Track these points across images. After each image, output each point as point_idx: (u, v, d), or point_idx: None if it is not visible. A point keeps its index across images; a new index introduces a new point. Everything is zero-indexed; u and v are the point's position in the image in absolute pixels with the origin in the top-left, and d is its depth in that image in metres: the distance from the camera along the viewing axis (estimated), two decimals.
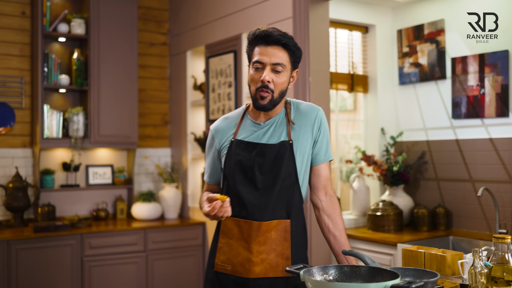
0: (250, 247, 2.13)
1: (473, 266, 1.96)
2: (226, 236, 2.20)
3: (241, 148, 2.19)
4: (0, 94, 4.70)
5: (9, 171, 4.70)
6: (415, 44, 4.32)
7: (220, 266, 2.20)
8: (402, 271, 1.91)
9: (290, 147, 2.17)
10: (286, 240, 2.16)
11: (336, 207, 2.29)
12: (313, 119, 2.24)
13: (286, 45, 2.13)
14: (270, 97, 2.13)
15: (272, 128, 2.21)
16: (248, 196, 2.15)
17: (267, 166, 2.15)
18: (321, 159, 2.26)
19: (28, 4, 4.85)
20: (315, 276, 1.72)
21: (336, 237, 2.24)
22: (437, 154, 4.17)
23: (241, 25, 4.50)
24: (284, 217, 2.17)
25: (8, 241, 4.11)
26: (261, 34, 2.12)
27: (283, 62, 2.12)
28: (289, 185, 2.17)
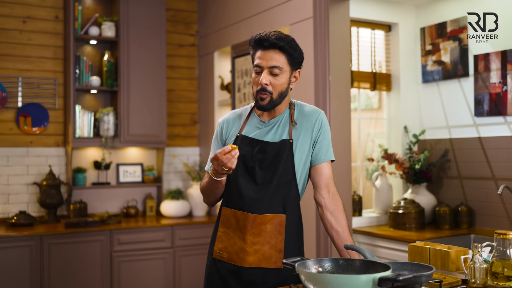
0: (245, 238, 2.24)
1: (472, 261, 1.98)
2: (225, 226, 2.33)
3: (245, 143, 2.30)
4: (34, 95, 4.89)
5: (43, 169, 4.89)
6: (438, 42, 4.31)
7: (217, 254, 2.33)
8: (400, 265, 1.95)
9: (290, 146, 2.28)
10: (280, 234, 2.25)
11: (339, 204, 2.36)
12: (314, 121, 2.34)
13: (283, 48, 2.22)
14: (269, 98, 2.24)
15: (276, 127, 2.32)
16: (247, 189, 2.27)
17: (267, 162, 2.27)
18: (322, 159, 2.34)
19: (61, 9, 5.04)
20: (309, 268, 1.77)
21: (338, 233, 2.31)
22: (460, 152, 4.15)
23: (265, 25, 4.57)
24: (280, 211, 2.27)
25: (40, 236, 4.29)
26: (259, 39, 2.24)
27: (280, 65, 2.22)
28: (286, 181, 2.28)
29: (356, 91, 4.84)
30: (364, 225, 4.24)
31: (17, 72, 4.84)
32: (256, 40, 2.25)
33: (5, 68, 4.80)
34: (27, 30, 4.90)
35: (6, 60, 4.81)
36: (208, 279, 2.37)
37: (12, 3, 4.84)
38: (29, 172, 4.86)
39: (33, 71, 4.91)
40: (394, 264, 1.95)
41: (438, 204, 4.19)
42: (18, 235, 4.22)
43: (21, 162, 4.83)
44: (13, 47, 4.84)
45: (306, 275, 1.67)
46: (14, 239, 4.21)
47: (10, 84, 4.80)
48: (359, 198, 4.28)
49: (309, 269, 1.76)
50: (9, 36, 4.83)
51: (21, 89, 4.83)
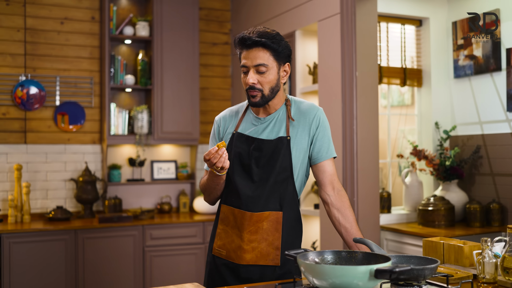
0: (242, 235, 2.25)
1: (481, 256, 1.95)
2: (223, 223, 2.33)
3: (241, 141, 2.30)
4: (72, 94, 5.04)
5: (80, 166, 5.04)
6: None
7: (216, 251, 2.34)
8: (406, 258, 1.93)
9: (287, 143, 2.26)
10: (277, 231, 2.24)
11: (345, 200, 2.34)
12: (311, 118, 2.31)
13: (265, 44, 2.20)
14: (260, 95, 2.22)
15: (272, 124, 2.30)
16: (244, 187, 2.27)
17: (264, 160, 2.26)
18: (324, 156, 2.32)
19: (97, 10, 5.18)
20: (310, 260, 1.78)
21: (347, 229, 2.30)
22: (492, 148, 4.05)
23: (295, 23, 4.58)
24: (277, 209, 2.26)
25: (75, 231, 4.42)
26: (240, 39, 2.23)
27: (265, 62, 2.20)
28: (283, 179, 2.26)
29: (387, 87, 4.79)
30: (392, 222, 4.19)
31: (55, 71, 5.01)
32: (239, 40, 2.24)
33: (43, 68, 4.97)
34: (65, 31, 5.06)
35: (44, 60, 4.97)
36: (209, 275, 2.37)
37: (50, 5, 5.00)
38: (66, 169, 5.01)
39: (70, 70, 5.06)
40: (399, 257, 1.93)
41: (469, 201, 4.10)
42: (54, 229, 4.36)
43: (59, 159, 4.99)
44: (51, 47, 5.00)
45: (305, 266, 1.68)
46: (50, 233, 4.36)
47: (48, 83, 4.96)
48: (387, 195, 4.23)
49: (309, 260, 1.77)
50: (47, 37, 4.99)
51: (59, 88, 4.99)
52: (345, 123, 3.90)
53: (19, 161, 4.81)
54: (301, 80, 4.59)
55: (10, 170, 4.79)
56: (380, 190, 4.27)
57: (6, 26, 4.85)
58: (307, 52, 4.60)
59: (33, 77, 4.90)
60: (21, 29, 4.90)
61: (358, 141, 3.86)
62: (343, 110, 3.92)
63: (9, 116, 4.83)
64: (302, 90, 4.52)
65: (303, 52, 4.59)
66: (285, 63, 2.28)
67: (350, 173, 3.87)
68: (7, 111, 4.82)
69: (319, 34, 4.22)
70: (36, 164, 4.90)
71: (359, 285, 1.63)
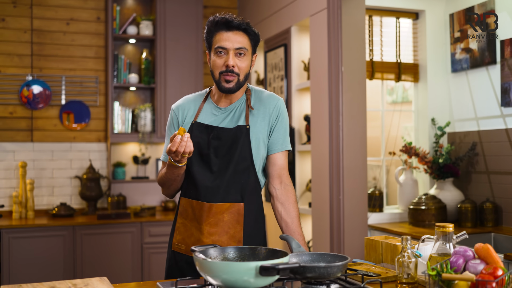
0: (201, 228, 2.18)
1: (400, 255, 1.86)
2: (182, 217, 2.26)
3: (200, 130, 2.22)
4: (77, 93, 5.15)
5: (85, 163, 5.14)
6: (466, 28, 4.05)
7: (176, 246, 2.27)
8: (319, 256, 1.87)
9: (246, 132, 2.20)
10: (239, 223, 2.18)
11: (291, 195, 2.29)
12: (272, 107, 2.26)
13: (247, 30, 2.17)
14: (236, 80, 2.17)
15: (233, 113, 2.25)
16: (202, 178, 2.19)
17: (223, 149, 2.19)
18: (278, 148, 2.27)
19: (102, 10, 5.26)
20: (207, 256, 1.75)
21: (287, 224, 2.25)
22: (487, 145, 3.88)
23: (290, 19, 4.52)
24: (238, 200, 2.19)
25: (73, 227, 4.51)
26: (222, 20, 2.16)
27: (245, 46, 2.16)
28: (243, 169, 2.20)
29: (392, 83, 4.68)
30: (384, 222, 4.08)
31: (61, 71, 5.12)
32: (218, 21, 2.17)
33: (50, 68, 5.09)
34: (71, 31, 5.17)
35: (50, 60, 5.09)
36: (168, 272, 2.30)
37: (56, 6, 5.12)
38: (72, 166, 5.12)
39: (76, 70, 5.17)
40: (312, 255, 1.87)
41: (462, 200, 3.94)
42: (53, 224, 4.46)
43: (65, 157, 5.10)
44: (57, 48, 5.12)
45: (198, 263, 1.64)
46: (49, 228, 4.46)
47: (54, 83, 5.08)
48: (379, 194, 4.12)
49: (203, 257, 1.73)
50: (53, 38, 5.11)
51: (64, 88, 5.10)
52: (332, 120, 3.82)
53: (26, 158, 4.95)
54: (297, 76, 4.52)
55: (17, 167, 4.93)
56: (372, 189, 4.16)
57: (14, 27, 4.99)
58: (302, 48, 4.54)
59: (39, 77, 5.02)
60: (28, 30, 5.04)
61: (344, 138, 3.78)
62: (329, 106, 3.85)
63: (16, 115, 4.97)
64: (298, 86, 4.46)
65: (299, 48, 4.53)
66: (254, 54, 2.26)
67: (336, 171, 3.79)
68: (14, 110, 4.97)
69: (311, 29, 4.15)
70: (42, 162, 5.03)
71: (250, 282, 1.58)
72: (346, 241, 3.76)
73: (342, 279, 1.88)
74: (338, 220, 3.78)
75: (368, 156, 4.45)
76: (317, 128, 4.01)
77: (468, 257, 1.76)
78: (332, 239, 3.82)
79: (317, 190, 4.00)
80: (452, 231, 1.91)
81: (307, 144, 4.32)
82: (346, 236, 3.76)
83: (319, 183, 3.97)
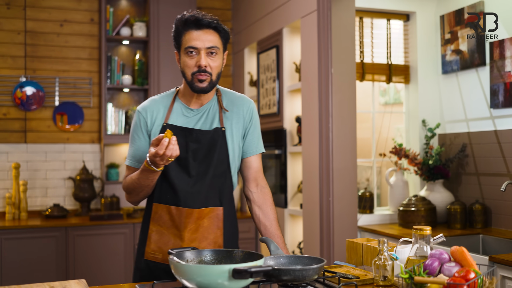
0: (182, 235, 2.12)
1: (377, 258, 1.87)
2: (157, 224, 2.16)
3: (175, 133, 2.10)
4: (71, 95, 5.16)
5: (79, 164, 5.15)
6: (456, 30, 4.06)
7: (150, 255, 2.17)
8: (296, 259, 1.88)
9: (222, 134, 2.17)
10: (219, 228, 2.16)
11: (267, 198, 2.28)
12: (245, 110, 2.24)
13: (217, 28, 2.11)
14: (209, 79, 2.10)
15: (206, 115, 2.19)
16: (181, 182, 2.12)
17: (201, 152, 2.13)
18: (252, 151, 2.26)
19: (96, 12, 5.28)
20: (183, 258, 1.76)
21: (266, 227, 2.25)
22: (477, 147, 3.88)
23: (282, 20, 4.53)
24: (217, 204, 2.16)
25: (66, 228, 4.52)
26: (191, 18, 2.09)
27: (217, 45, 2.10)
28: (221, 172, 2.17)
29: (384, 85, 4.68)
30: (374, 223, 4.08)
31: (55, 72, 5.13)
32: (187, 19, 2.09)
33: (43, 69, 5.10)
34: (64, 33, 5.18)
35: (44, 62, 5.11)
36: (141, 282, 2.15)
37: (50, 8, 5.13)
38: (65, 167, 5.13)
39: (69, 71, 5.18)
40: (289, 258, 1.88)
41: (452, 202, 3.94)
42: (45, 225, 4.47)
43: (58, 158, 5.11)
44: (51, 49, 5.14)
45: (173, 266, 1.65)
46: (41, 230, 4.47)
47: (48, 84, 5.09)
48: (370, 195, 4.12)
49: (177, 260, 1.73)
50: (47, 39, 5.12)
51: (58, 89, 5.11)
52: (321, 121, 3.83)
53: (19, 160, 4.96)
54: (289, 78, 4.53)
55: (10, 168, 4.94)
56: (363, 190, 4.16)
57: (7, 29, 5.01)
58: (294, 50, 4.54)
59: (33, 78, 5.03)
60: (22, 31, 5.05)
61: (334, 139, 3.79)
62: (319, 107, 3.85)
63: (9, 116, 4.98)
64: (290, 88, 4.46)
65: (291, 50, 4.54)
66: (225, 51, 2.20)
67: (326, 172, 3.80)
68: (8, 112, 4.98)
69: (302, 31, 4.16)
70: (36, 163, 5.04)
71: (224, 285, 1.59)
72: (336, 243, 3.77)
73: (320, 282, 1.89)
74: (327, 221, 3.79)
75: (359, 158, 4.47)
76: (308, 130, 4.02)
77: (444, 260, 1.77)
78: (322, 240, 3.83)
79: (308, 192, 4.01)
80: (429, 234, 1.91)
81: (298, 145, 4.33)
82: (335, 237, 3.77)
83: (310, 185, 3.98)
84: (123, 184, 2.24)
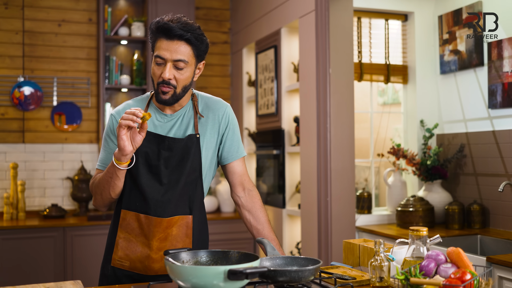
0: (150, 244, 2.08)
1: (373, 259, 1.87)
2: (125, 231, 2.12)
3: (147, 139, 2.06)
4: (69, 95, 5.16)
5: (77, 164, 5.15)
6: (454, 30, 4.05)
7: (117, 262, 2.13)
8: (292, 260, 1.87)
9: (197, 141, 2.12)
10: (188, 236, 2.12)
11: (256, 200, 2.26)
12: (220, 114, 2.19)
13: (189, 40, 2.02)
14: (172, 92, 2.04)
15: (180, 121, 2.14)
16: (151, 190, 2.08)
17: (174, 160, 2.09)
18: (234, 156, 2.22)
19: (94, 11, 5.27)
20: (179, 260, 1.75)
21: (259, 231, 2.23)
22: (475, 147, 3.88)
23: (280, 20, 4.53)
24: (187, 212, 2.12)
25: (64, 228, 4.52)
26: (163, 26, 2.00)
27: (185, 58, 2.02)
28: (192, 180, 2.12)
29: (383, 85, 4.68)
30: (372, 223, 4.08)
31: (53, 72, 5.13)
32: (160, 27, 2.01)
33: (41, 69, 5.10)
34: (62, 33, 5.18)
35: (42, 62, 5.10)
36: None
37: (48, 7, 5.13)
38: (64, 167, 5.13)
39: (67, 71, 5.18)
40: (285, 259, 1.88)
41: (450, 202, 3.94)
42: (43, 225, 4.47)
43: (56, 158, 5.11)
44: (49, 49, 5.13)
45: (168, 267, 1.65)
46: (40, 229, 4.46)
47: (46, 84, 5.08)
48: (368, 195, 4.12)
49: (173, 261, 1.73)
50: (45, 39, 5.12)
51: (56, 89, 5.11)
52: (319, 121, 3.83)
53: (17, 160, 4.95)
54: (287, 78, 4.53)
55: (8, 168, 4.93)
56: (361, 190, 4.16)
57: (5, 29, 5.00)
58: (292, 50, 4.54)
59: (31, 78, 5.03)
60: (20, 31, 5.04)
61: (332, 139, 3.78)
62: (317, 107, 3.85)
63: (7, 116, 4.98)
64: (288, 88, 4.46)
65: (289, 50, 4.54)
66: (201, 61, 2.12)
67: (323, 173, 3.80)
68: (6, 112, 4.97)
69: (300, 31, 4.16)
70: (34, 163, 5.03)
71: (220, 286, 1.58)
72: (334, 243, 3.77)
73: (316, 283, 1.88)
74: (325, 221, 3.79)
75: (357, 158, 4.46)
76: (306, 130, 4.02)
77: (440, 261, 1.77)
78: (320, 241, 3.83)
79: (306, 192, 4.01)
80: (426, 235, 1.91)
81: (296, 145, 4.33)
82: (333, 237, 3.77)
83: (308, 185, 3.98)
84: (90, 186, 2.17)
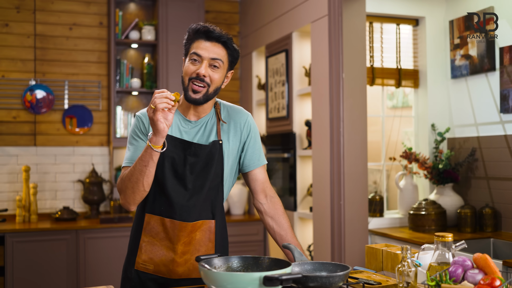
0: (175, 248, 2.13)
1: (400, 264, 1.90)
2: (149, 235, 2.16)
3: (174, 145, 2.12)
4: (80, 98, 5.19)
5: (88, 167, 5.18)
6: (466, 35, 4.09)
7: (141, 265, 2.17)
8: (321, 265, 1.91)
9: (220, 147, 2.16)
10: (211, 241, 2.17)
11: (278, 207, 2.29)
12: (242, 123, 2.24)
13: (226, 43, 2.11)
14: (205, 90, 2.09)
15: (204, 128, 2.19)
16: (177, 195, 2.12)
17: (198, 166, 2.13)
18: (255, 164, 2.27)
19: (105, 15, 5.30)
20: (211, 266, 1.79)
21: (282, 237, 2.26)
22: (486, 151, 3.92)
23: (291, 24, 4.56)
24: (210, 217, 2.18)
25: (77, 231, 4.55)
26: (203, 29, 2.10)
27: (221, 58, 2.10)
28: (215, 185, 2.17)
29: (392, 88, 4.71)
30: (384, 226, 4.12)
31: (64, 76, 5.16)
32: (199, 29, 2.11)
33: (52, 72, 5.13)
34: (73, 36, 5.21)
35: (53, 65, 5.13)
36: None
37: (59, 11, 5.16)
38: (75, 170, 5.16)
39: (78, 74, 5.21)
40: (313, 264, 1.91)
41: (462, 206, 3.98)
42: (56, 228, 4.50)
43: (68, 161, 5.14)
44: (60, 52, 5.16)
45: (203, 272, 1.68)
46: (52, 232, 4.49)
47: (57, 87, 5.12)
48: (380, 199, 4.16)
49: (208, 267, 1.77)
50: (56, 43, 5.15)
51: (67, 92, 5.14)
52: (332, 125, 3.86)
53: (29, 163, 4.98)
54: (298, 82, 4.56)
55: (20, 171, 4.96)
56: (373, 194, 4.19)
57: (17, 33, 5.03)
58: (304, 54, 4.57)
59: (42, 82, 5.06)
60: (31, 35, 5.08)
61: (345, 143, 3.82)
62: (330, 112, 3.88)
63: (19, 119, 5.01)
64: (299, 92, 4.50)
65: (300, 54, 4.57)
66: (230, 70, 2.19)
67: (337, 177, 3.83)
68: (18, 115, 5.00)
69: (312, 35, 4.19)
70: (45, 166, 5.07)
71: None
72: (347, 246, 3.80)
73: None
74: (339, 225, 3.82)
75: (368, 161, 4.50)
76: (318, 134, 4.05)
77: (467, 267, 1.80)
78: (333, 244, 3.86)
79: (318, 195, 4.04)
80: (451, 241, 1.94)
81: (308, 149, 4.36)
82: (347, 241, 3.80)
83: (320, 188, 4.01)
84: (118, 184, 2.10)
